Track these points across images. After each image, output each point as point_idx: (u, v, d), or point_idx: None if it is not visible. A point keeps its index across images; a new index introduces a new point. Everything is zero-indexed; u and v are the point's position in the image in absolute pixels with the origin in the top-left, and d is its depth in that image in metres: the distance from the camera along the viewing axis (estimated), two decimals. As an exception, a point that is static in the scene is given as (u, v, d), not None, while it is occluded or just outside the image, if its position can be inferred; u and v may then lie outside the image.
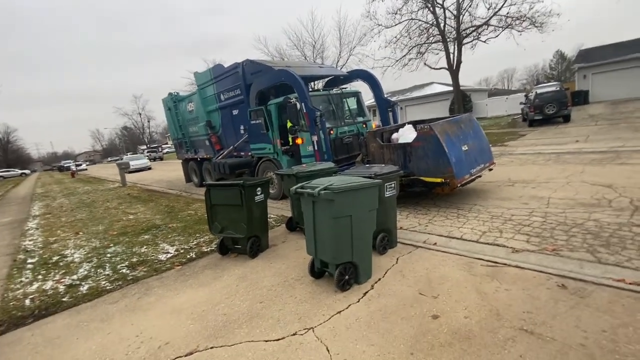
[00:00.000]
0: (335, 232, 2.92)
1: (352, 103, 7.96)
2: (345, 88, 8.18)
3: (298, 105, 6.52)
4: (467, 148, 5.31)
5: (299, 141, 6.85)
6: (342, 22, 37.72)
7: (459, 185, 4.99)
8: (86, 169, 45.04)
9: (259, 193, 4.29)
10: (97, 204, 10.39)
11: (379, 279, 3.20)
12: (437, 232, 4.29)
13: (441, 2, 20.89)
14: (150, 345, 2.60)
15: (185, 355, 2.42)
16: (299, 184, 3.24)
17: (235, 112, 8.70)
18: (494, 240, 3.82)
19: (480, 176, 5.67)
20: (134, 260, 4.60)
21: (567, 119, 15.77)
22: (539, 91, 16.57)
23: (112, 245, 5.45)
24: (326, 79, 9.24)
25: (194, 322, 2.86)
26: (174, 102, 11.37)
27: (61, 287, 3.92)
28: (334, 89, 8.01)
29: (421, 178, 5.20)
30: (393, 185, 3.86)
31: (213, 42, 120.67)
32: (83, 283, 3.99)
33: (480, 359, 2.03)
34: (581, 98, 21.92)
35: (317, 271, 3.31)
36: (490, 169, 5.92)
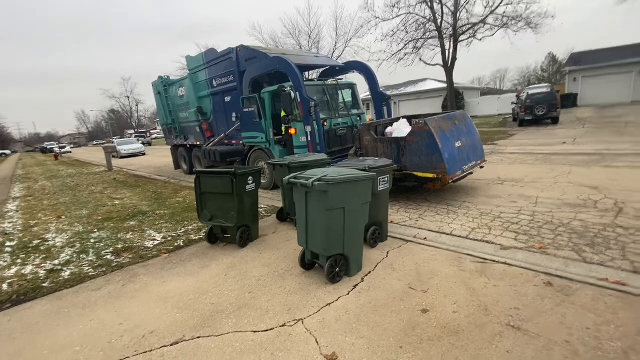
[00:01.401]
0: (327, 224, 2.89)
1: (347, 95, 7.89)
2: (341, 79, 8.09)
3: (292, 95, 6.41)
4: (460, 145, 5.33)
5: (292, 131, 6.76)
6: (339, 12, 37.35)
7: (450, 181, 5.01)
8: (70, 152, 43.78)
9: (250, 182, 4.22)
10: (81, 188, 10.10)
11: (370, 272, 3.20)
12: (427, 227, 4.31)
13: (439, -2, 20.77)
14: (135, 334, 2.54)
15: (171, 345, 2.37)
16: (292, 174, 3.19)
17: (227, 98, 8.51)
18: (483, 237, 3.86)
19: (471, 173, 5.71)
20: (119, 246, 4.48)
21: (555, 120, 16.06)
22: (530, 92, 16.79)
23: (96, 230, 5.31)
24: (321, 69, 9.11)
25: (181, 311, 2.81)
26: (164, 86, 11.06)
27: (41, 272, 3.79)
28: (330, 80, 7.90)
29: (414, 173, 5.20)
30: (386, 178, 3.84)
31: (207, 27, 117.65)
32: (65, 268, 3.87)
33: (468, 354, 2.05)
34: (570, 101, 22.35)
35: (308, 263, 3.29)
36: (482, 167, 5.97)
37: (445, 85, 24.29)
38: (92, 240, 4.81)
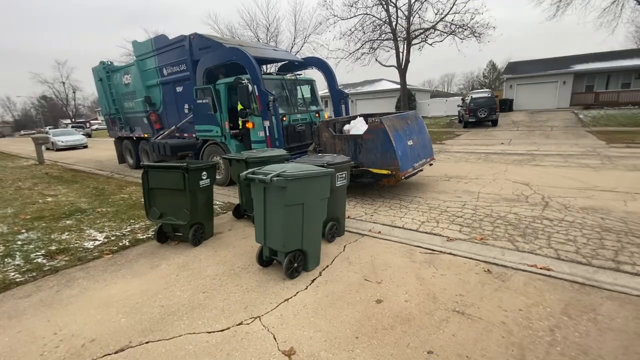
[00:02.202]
0: (286, 220, 2.87)
1: (305, 91, 7.87)
2: (299, 74, 8.04)
3: (250, 88, 6.23)
4: (412, 143, 5.61)
5: (249, 125, 6.58)
6: (298, 7, 37.09)
7: (403, 177, 5.26)
8: (-9, 142, 38.28)
9: (204, 177, 4.03)
10: (5, 184, 8.88)
11: (327, 266, 3.25)
12: (381, 222, 4.49)
13: (394, 1, 21.59)
14: (72, 344, 2.31)
15: (115, 352, 2.20)
16: (250, 170, 3.11)
17: (179, 89, 8.03)
18: (432, 229, 4.12)
19: (422, 170, 6.05)
20: (53, 248, 4.03)
21: (495, 123, 17.63)
22: (473, 96, 18.21)
23: (23, 231, 4.72)
24: (280, 64, 8.98)
25: (126, 316, 2.61)
26: (106, 73, 10.11)
27: (-47, 280, 3.28)
28: (288, 75, 7.82)
29: (370, 170, 5.37)
30: (344, 175, 3.92)
31: (156, 12, 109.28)
32: (-16, 275, 3.39)
33: (418, 339, 2.18)
34: (507, 105, 24.63)
35: (266, 259, 3.24)
36: (431, 164, 6.35)
37: (399, 86, 25.35)
38: (19, 242, 4.26)
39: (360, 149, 5.46)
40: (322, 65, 8.26)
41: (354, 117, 6.64)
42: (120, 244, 4.13)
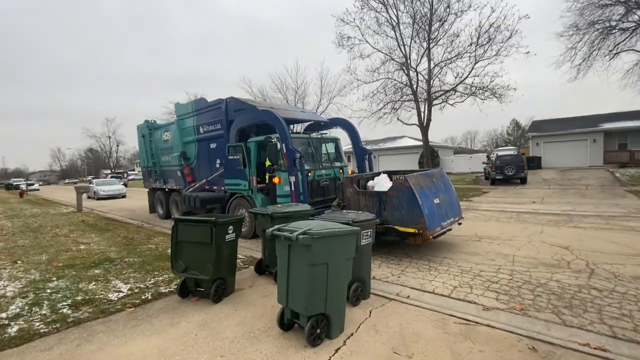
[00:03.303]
0: (310, 281, 2.79)
1: (330, 148, 8.18)
2: (325, 133, 8.44)
3: (279, 145, 6.58)
4: (438, 201, 5.51)
5: (276, 180, 6.82)
6: (324, 73, 40.27)
7: (431, 237, 5.08)
8: (38, 189, 41.53)
9: (230, 232, 4.09)
10: (44, 230, 9.42)
11: (352, 334, 3.03)
12: (409, 285, 4.24)
13: (415, 67, 23.03)
14: (85, 407, 2.21)
15: (127, 421, 2.06)
16: (276, 226, 3.14)
17: (213, 145, 8.61)
18: (465, 296, 3.82)
19: (450, 229, 5.83)
20: (79, 298, 4.08)
21: (524, 181, 17.13)
22: (499, 154, 18.08)
23: (54, 278, 4.85)
24: (307, 123, 9.53)
25: (142, 378, 2.50)
26: (149, 130, 11.11)
27: (-17, 328, 3.34)
28: (314, 133, 8.23)
29: (395, 227, 5.25)
30: (369, 233, 3.85)
31: (197, 77, 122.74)
32: (12, 323, 3.43)
33: None
34: (535, 163, 24.12)
35: (287, 323, 3.09)
36: (460, 223, 6.12)
37: (421, 142, 25.79)
38: (49, 291, 4.36)
39: (385, 205, 5.41)
40: (346, 125, 8.68)
41: (378, 174, 6.71)
42: (143, 297, 4.12)
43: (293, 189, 6.39)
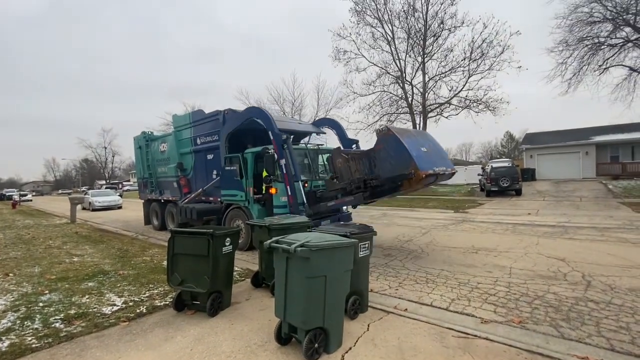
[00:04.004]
0: (308, 294, 2.77)
1: (327, 159, 8.24)
2: (322, 145, 8.52)
3: (275, 156, 6.62)
4: (425, 150, 5.48)
5: (272, 191, 6.82)
6: (321, 85, 40.80)
7: (424, 176, 4.95)
8: (31, 200, 41.00)
9: (227, 244, 4.07)
10: (37, 242, 9.27)
11: (350, 348, 3.00)
12: (407, 297, 4.22)
13: (410, 80, 23.47)
14: None
15: None
16: (274, 238, 3.13)
17: (210, 156, 8.62)
18: (463, 309, 3.81)
19: (444, 177, 5.72)
20: (72, 312, 4.00)
21: (518, 192, 17.29)
22: (494, 165, 18.28)
23: (47, 292, 4.76)
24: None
25: (136, 395, 2.44)
26: (146, 141, 11.11)
27: (-28, 343, 3.25)
28: (310, 145, 8.29)
29: (389, 176, 5.27)
30: (367, 245, 3.84)
31: (194, 89, 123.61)
32: (3, 338, 3.34)
33: None
34: (529, 175, 24.40)
35: (284, 337, 3.05)
36: (451, 175, 6.00)
37: (417, 154, 26.01)
38: (41, 304, 4.27)
39: (375, 161, 5.46)
40: (332, 124, 9.02)
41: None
42: (138, 310, 4.05)
43: (285, 171, 6.45)
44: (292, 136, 6.90)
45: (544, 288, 4.33)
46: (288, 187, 6.46)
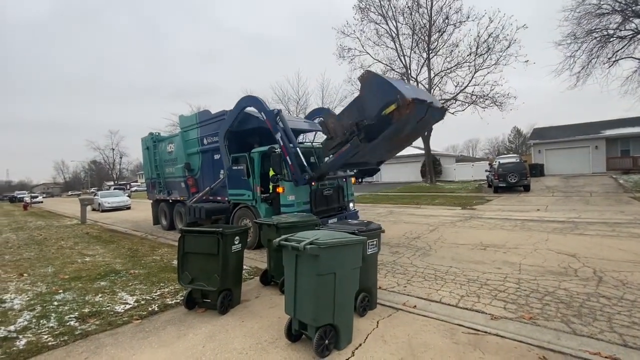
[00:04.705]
0: (317, 291, 2.80)
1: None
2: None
3: (282, 155, 6.65)
4: (408, 87, 5.70)
5: (279, 190, 6.86)
6: (325, 84, 40.91)
7: (410, 100, 4.99)
8: (42, 202, 41.76)
9: (236, 242, 4.11)
10: (49, 242, 9.45)
11: (360, 345, 3.02)
12: (416, 294, 4.22)
13: (415, 77, 23.30)
14: (94, 420, 2.20)
15: None
16: (283, 236, 3.16)
17: (217, 156, 8.68)
18: (473, 305, 3.80)
19: (435, 111, 5.91)
20: (86, 310, 4.08)
21: (527, 188, 17.09)
22: (501, 161, 18.09)
23: (61, 291, 4.86)
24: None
25: (151, 391, 2.49)
26: (153, 142, 11.23)
27: (-9, 341, 3.35)
28: (315, 142, 8.30)
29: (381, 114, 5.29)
30: (375, 242, 3.85)
31: (199, 89, 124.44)
32: (20, 336, 3.44)
33: None
34: (537, 170, 24.08)
35: (295, 333, 3.08)
36: (442, 113, 6.28)
37: (422, 151, 25.88)
38: (56, 303, 4.37)
39: (363, 106, 5.51)
40: (328, 113, 9.05)
41: None
42: (150, 308, 4.12)
43: (282, 143, 6.61)
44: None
45: (555, 284, 4.30)
46: (287, 157, 6.57)
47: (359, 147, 5.59)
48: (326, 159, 6.86)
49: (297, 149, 6.60)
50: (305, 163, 6.55)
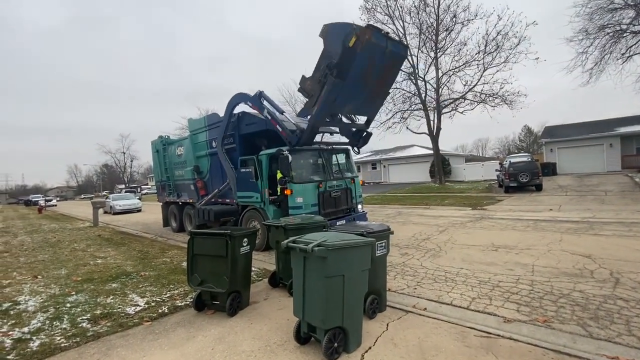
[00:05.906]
0: (326, 293, 2.77)
1: (341, 159, 8.22)
2: (337, 145, 8.50)
3: (290, 158, 6.65)
4: None
5: (287, 192, 6.85)
6: (332, 84, 40.74)
7: (366, 27, 5.64)
8: (56, 205, 42.70)
9: (245, 244, 4.12)
10: (62, 245, 9.64)
11: (370, 348, 2.98)
12: (426, 296, 4.16)
13: (423, 76, 23.12)
14: (106, 422, 2.22)
15: None
16: (291, 238, 3.15)
17: (225, 159, 8.74)
18: (485, 307, 3.73)
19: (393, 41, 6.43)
20: (97, 312, 4.14)
21: (539, 187, 16.75)
22: (512, 160, 17.78)
23: (73, 293, 4.94)
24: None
25: (161, 393, 2.50)
26: (163, 145, 11.37)
27: (8, 342, 3.41)
28: (324, 145, 8.28)
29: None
30: (384, 244, 3.81)
31: (207, 93, 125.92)
32: (34, 338, 3.50)
33: None
34: (550, 169, 23.60)
35: (304, 336, 3.06)
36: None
37: (431, 151, 25.63)
38: (68, 305, 4.44)
39: (330, 53, 6.04)
40: (302, 78, 9.14)
41: None
42: (160, 310, 4.15)
43: (270, 117, 7.10)
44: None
45: (570, 286, 4.19)
46: (277, 126, 7.03)
47: (335, 84, 5.94)
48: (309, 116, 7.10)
49: (285, 114, 7.30)
50: (295, 127, 6.97)
